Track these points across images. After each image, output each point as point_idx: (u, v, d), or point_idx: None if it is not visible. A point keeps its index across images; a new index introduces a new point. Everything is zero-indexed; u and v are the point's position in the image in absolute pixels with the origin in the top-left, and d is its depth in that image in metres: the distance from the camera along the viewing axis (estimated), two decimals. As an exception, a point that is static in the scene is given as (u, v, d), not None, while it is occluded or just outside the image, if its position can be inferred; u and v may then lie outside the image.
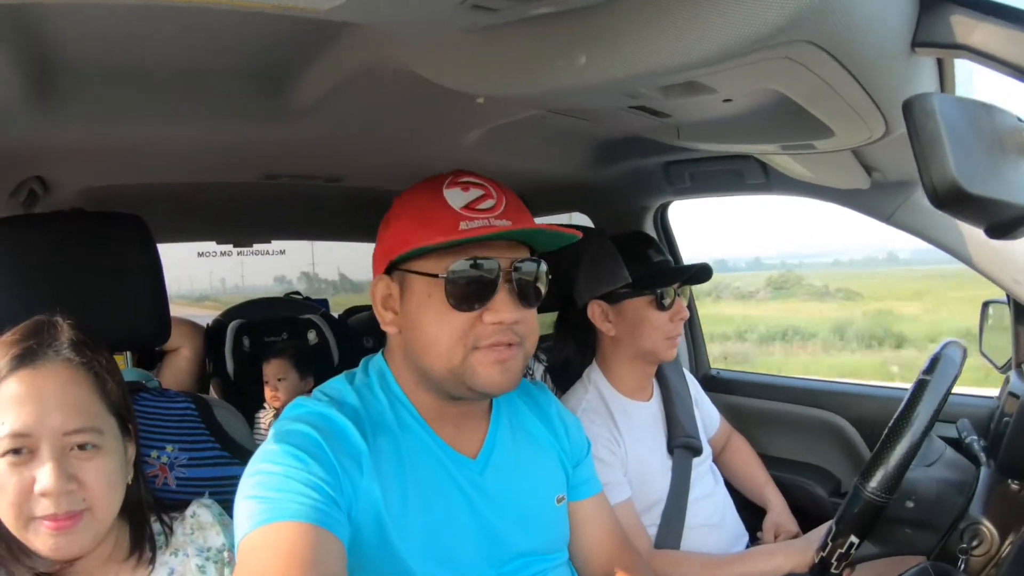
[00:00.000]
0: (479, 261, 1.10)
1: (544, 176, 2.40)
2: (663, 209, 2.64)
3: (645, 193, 2.48)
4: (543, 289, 1.17)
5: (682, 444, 1.87)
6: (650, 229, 2.59)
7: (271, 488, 0.99)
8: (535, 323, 1.18)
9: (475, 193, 1.14)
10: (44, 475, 0.99)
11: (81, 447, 1.03)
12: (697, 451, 1.89)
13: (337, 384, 1.21)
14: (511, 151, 2.09)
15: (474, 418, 1.24)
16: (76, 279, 1.37)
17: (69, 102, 1.55)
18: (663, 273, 1.83)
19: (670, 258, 1.97)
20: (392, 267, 1.17)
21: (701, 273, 1.84)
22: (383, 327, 1.21)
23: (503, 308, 1.10)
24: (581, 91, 1.06)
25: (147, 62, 1.49)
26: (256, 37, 1.40)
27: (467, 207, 1.12)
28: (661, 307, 1.78)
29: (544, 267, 1.17)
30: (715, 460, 2.04)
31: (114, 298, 1.40)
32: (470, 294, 1.10)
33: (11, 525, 1.01)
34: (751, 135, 1.28)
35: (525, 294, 1.14)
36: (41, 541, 1.00)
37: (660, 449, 1.86)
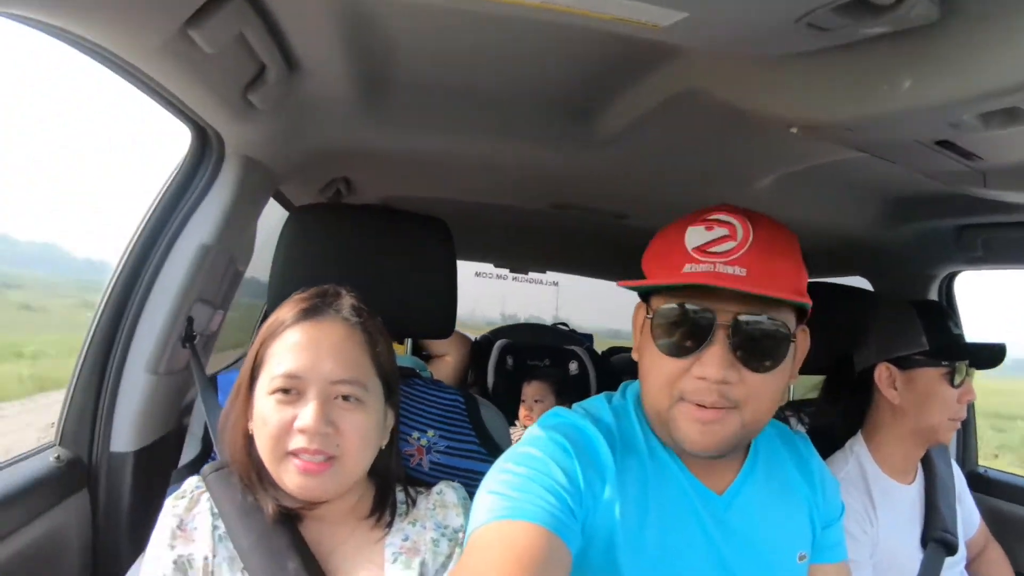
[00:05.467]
0: (687, 307, 1.04)
1: (828, 233, 2.34)
2: (950, 280, 2.47)
3: (932, 260, 2.35)
4: (778, 352, 1.05)
5: (938, 538, 1.71)
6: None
7: (514, 487, 1.01)
8: (763, 388, 1.05)
9: (718, 232, 1.06)
10: (306, 413, 1.06)
11: (345, 398, 1.10)
12: (952, 549, 1.72)
13: (596, 402, 1.22)
14: (799, 201, 2.06)
15: (726, 457, 1.16)
16: (378, 265, 1.49)
17: (390, 111, 1.74)
18: (963, 347, 1.72)
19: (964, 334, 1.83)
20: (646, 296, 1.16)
21: (999, 355, 1.71)
22: (633, 354, 1.21)
23: (710, 364, 1.02)
24: (899, 118, 1.04)
25: (463, 82, 1.64)
26: (569, 65, 1.49)
27: (700, 248, 1.05)
28: (952, 383, 1.67)
29: (784, 325, 1.05)
30: (966, 567, 1.85)
31: (410, 288, 1.50)
32: (678, 341, 1.05)
33: (267, 457, 1.10)
34: None
35: (750, 355, 1.03)
36: (290, 477, 1.08)
37: (913, 539, 1.72)
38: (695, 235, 1.07)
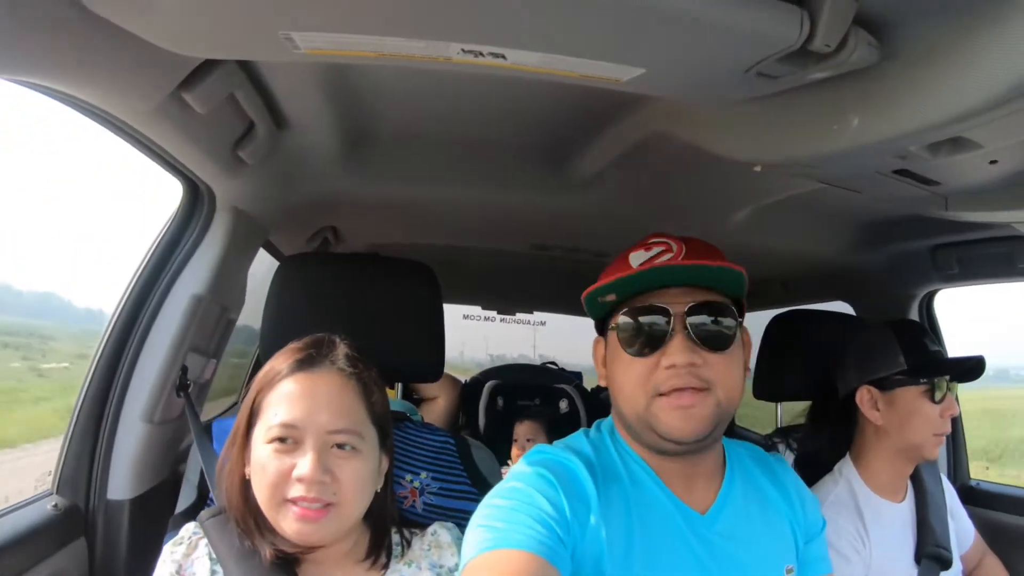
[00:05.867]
0: (644, 307, 1.15)
1: (806, 260, 2.40)
2: (929, 299, 2.50)
3: (910, 280, 2.38)
4: (732, 332, 1.16)
5: (931, 554, 1.71)
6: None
7: (500, 519, 1.04)
8: (728, 368, 1.15)
9: (657, 250, 1.19)
10: (304, 463, 1.09)
11: (340, 446, 1.13)
12: (946, 563, 1.71)
13: (575, 438, 1.27)
14: (776, 232, 2.10)
15: (704, 476, 1.23)
16: (366, 311, 1.51)
17: (373, 162, 1.81)
18: (940, 363, 1.73)
19: (943, 350, 1.84)
20: (602, 329, 1.25)
21: (977, 367, 1.71)
22: (600, 382, 1.31)
23: (676, 351, 1.11)
24: (851, 153, 1.11)
25: (443, 132, 1.71)
26: (544, 113, 1.56)
27: (644, 263, 1.17)
28: (933, 400, 1.68)
29: (730, 310, 1.16)
30: None
31: (397, 333, 1.52)
32: (642, 340, 1.14)
33: (265, 504, 1.12)
34: (1022, 200, 1.24)
35: (707, 337, 1.13)
36: (288, 523, 1.10)
37: (907, 556, 1.72)
38: (637, 257, 1.19)
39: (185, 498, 1.44)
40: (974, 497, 2.38)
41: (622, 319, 1.17)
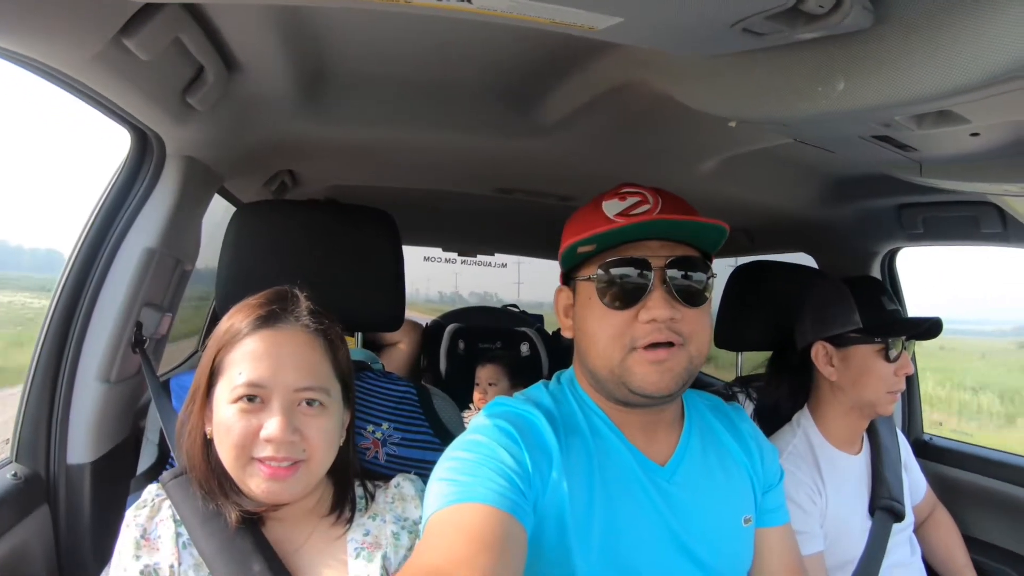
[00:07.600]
0: (624, 259, 1.14)
1: (772, 211, 2.38)
2: (892, 256, 2.51)
3: (874, 237, 2.39)
4: (706, 287, 1.17)
5: (885, 506, 1.76)
6: (877, 276, 2.47)
7: (463, 472, 1.05)
8: (701, 323, 1.16)
9: (632, 200, 1.19)
10: (272, 423, 1.07)
11: (309, 403, 1.12)
12: (899, 516, 1.77)
13: (535, 390, 1.29)
14: (743, 183, 2.09)
15: (664, 427, 1.24)
16: (325, 260, 1.49)
17: (330, 105, 1.74)
18: (896, 323, 1.75)
19: (901, 308, 1.83)
20: (567, 278, 1.25)
21: (934, 328, 1.74)
22: (564, 333, 1.29)
23: (656, 305, 1.11)
24: (833, 117, 1.09)
25: (403, 74, 1.64)
26: (509, 55, 1.50)
27: (621, 213, 1.17)
28: (887, 358, 1.70)
29: (705, 265, 1.17)
30: (914, 532, 1.91)
31: (357, 282, 1.51)
32: (621, 293, 1.13)
33: (230, 464, 1.11)
34: (998, 173, 1.23)
35: (685, 292, 1.13)
36: (255, 483, 1.09)
37: (861, 508, 1.77)
38: (612, 206, 1.19)
39: (146, 458, 1.41)
40: (926, 451, 2.45)
41: (599, 271, 1.15)
